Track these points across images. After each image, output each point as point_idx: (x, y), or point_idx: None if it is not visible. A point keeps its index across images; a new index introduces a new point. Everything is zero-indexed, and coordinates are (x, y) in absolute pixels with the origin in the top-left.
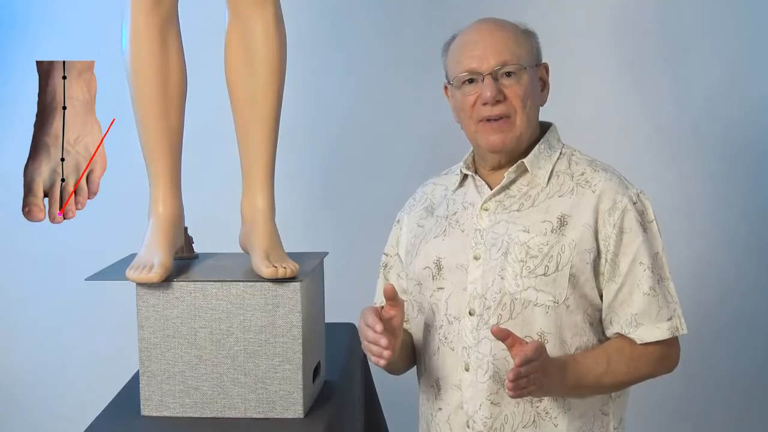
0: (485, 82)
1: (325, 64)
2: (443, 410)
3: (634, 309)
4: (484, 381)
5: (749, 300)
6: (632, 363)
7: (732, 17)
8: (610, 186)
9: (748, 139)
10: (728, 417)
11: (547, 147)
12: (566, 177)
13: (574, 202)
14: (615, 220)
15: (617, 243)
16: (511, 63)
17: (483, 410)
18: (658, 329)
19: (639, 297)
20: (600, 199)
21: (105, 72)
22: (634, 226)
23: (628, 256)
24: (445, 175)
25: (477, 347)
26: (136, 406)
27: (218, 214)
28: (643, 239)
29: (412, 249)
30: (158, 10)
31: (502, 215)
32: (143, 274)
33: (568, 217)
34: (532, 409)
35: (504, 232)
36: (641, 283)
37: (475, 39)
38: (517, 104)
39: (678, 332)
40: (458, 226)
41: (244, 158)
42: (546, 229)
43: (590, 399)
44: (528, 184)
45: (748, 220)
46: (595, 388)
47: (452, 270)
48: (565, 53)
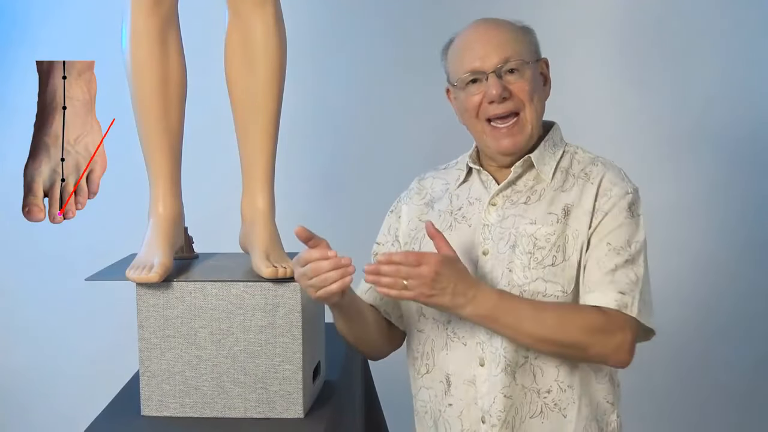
0: (490, 80)
1: (326, 64)
2: (454, 406)
3: (589, 279)
4: (497, 374)
5: (747, 300)
6: (564, 319)
7: (732, 16)
8: (607, 176)
9: (748, 138)
10: (727, 417)
11: (552, 145)
12: (569, 175)
13: (577, 194)
14: (601, 204)
15: (597, 223)
16: (514, 59)
17: (497, 404)
18: (604, 296)
19: (596, 270)
20: (598, 188)
21: (105, 72)
22: (617, 212)
23: (599, 233)
24: (444, 170)
25: (490, 342)
26: (136, 406)
27: (218, 214)
28: (621, 224)
29: (413, 242)
30: (158, 10)
31: (510, 210)
32: (143, 274)
33: (571, 207)
34: (539, 400)
35: (512, 226)
36: (603, 261)
37: (475, 39)
38: (525, 98)
39: (626, 310)
40: (465, 221)
41: (244, 158)
42: (552, 220)
43: (595, 387)
44: (534, 179)
45: (746, 220)
46: (513, 330)
47: None
48: (564, 52)
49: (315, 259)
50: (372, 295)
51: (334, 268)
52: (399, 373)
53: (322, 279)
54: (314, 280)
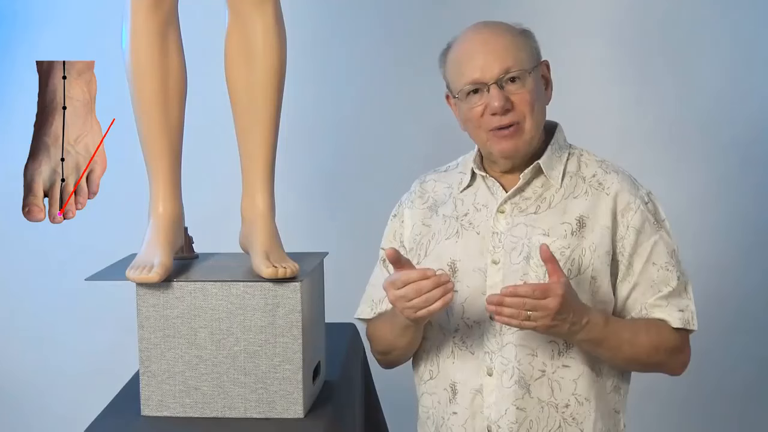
0: (491, 92)
1: (326, 64)
2: (459, 414)
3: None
4: (509, 386)
5: (754, 300)
6: (655, 343)
7: (737, 15)
8: (623, 187)
9: (754, 138)
10: (730, 417)
11: (558, 148)
12: (578, 179)
13: (591, 204)
14: (629, 220)
15: (632, 243)
16: (515, 68)
17: (509, 415)
18: (669, 316)
19: (653, 295)
20: (615, 200)
21: (105, 72)
22: (647, 226)
23: (641, 256)
24: (445, 172)
25: (501, 352)
26: (136, 406)
27: (218, 214)
28: (657, 239)
29: (418, 247)
30: (158, 10)
31: (519, 218)
32: (143, 274)
33: (586, 219)
34: (557, 415)
35: (524, 236)
36: (656, 283)
37: (474, 48)
38: (526, 110)
39: (689, 325)
40: (472, 228)
41: (244, 158)
42: (566, 232)
43: (608, 397)
44: (542, 186)
45: (752, 221)
46: (612, 352)
47: (468, 273)
48: (567, 52)
49: (414, 280)
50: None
51: (436, 286)
52: (399, 373)
53: (424, 299)
54: (416, 301)
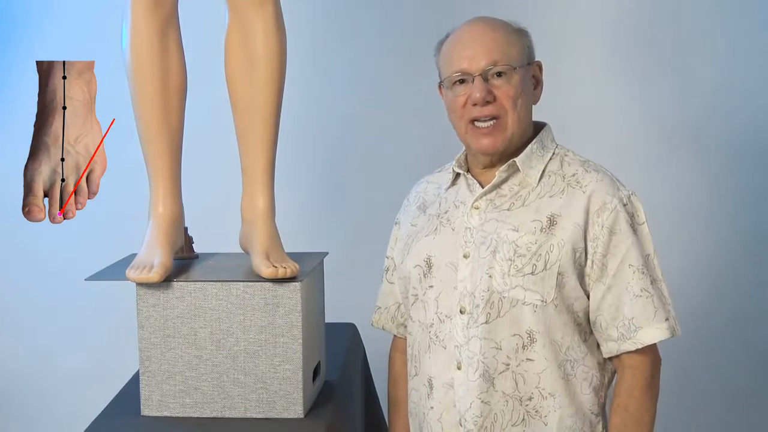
0: (475, 82)
1: (326, 64)
2: (435, 409)
3: (629, 313)
4: (474, 379)
5: (748, 301)
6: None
7: (734, 17)
8: (600, 186)
9: (749, 139)
10: (727, 419)
11: (540, 147)
12: (558, 177)
13: (565, 202)
14: (603, 220)
15: (606, 244)
16: (502, 63)
17: (474, 409)
18: (658, 330)
19: (630, 299)
20: (590, 199)
21: (105, 72)
22: (624, 227)
23: (616, 257)
24: (438, 173)
25: (467, 345)
26: (136, 406)
27: (218, 214)
28: (633, 241)
29: (405, 248)
30: (158, 10)
31: (493, 213)
32: (143, 274)
33: (557, 217)
34: (521, 408)
35: (493, 231)
36: (631, 286)
37: (466, 39)
38: (508, 105)
39: (676, 333)
40: (449, 224)
41: (244, 158)
42: (535, 228)
43: (580, 398)
44: (519, 184)
45: (747, 222)
46: None
47: (442, 268)
48: (565, 53)
49: None
50: (385, 318)
51: None
52: None
53: None
54: None
